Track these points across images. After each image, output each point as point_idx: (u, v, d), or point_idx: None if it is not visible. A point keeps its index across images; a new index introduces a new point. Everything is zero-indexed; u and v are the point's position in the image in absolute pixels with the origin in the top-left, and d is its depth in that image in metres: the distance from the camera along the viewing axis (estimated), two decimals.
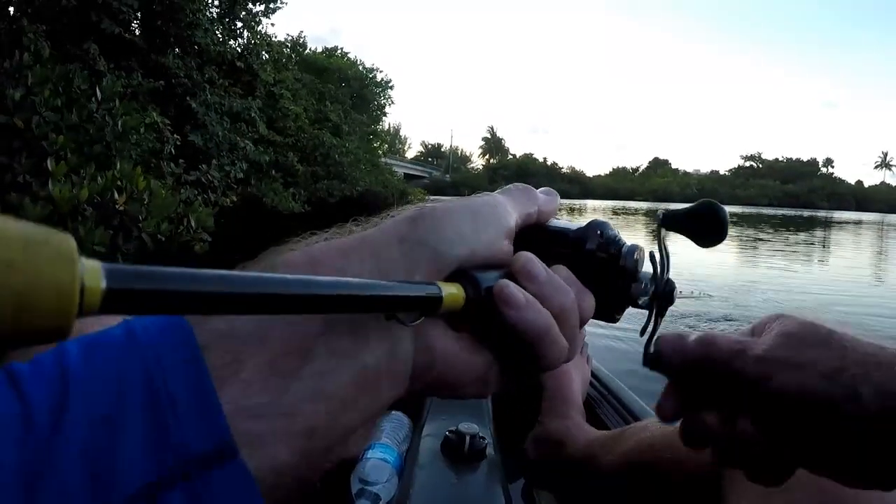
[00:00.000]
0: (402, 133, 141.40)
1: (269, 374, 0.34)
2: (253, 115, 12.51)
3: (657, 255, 0.54)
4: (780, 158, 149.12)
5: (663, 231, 0.56)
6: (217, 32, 14.73)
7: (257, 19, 16.01)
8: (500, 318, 0.42)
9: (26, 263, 0.20)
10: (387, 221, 0.43)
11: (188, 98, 10.75)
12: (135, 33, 10.27)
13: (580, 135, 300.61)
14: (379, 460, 1.31)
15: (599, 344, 4.29)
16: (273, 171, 13.78)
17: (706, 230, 0.54)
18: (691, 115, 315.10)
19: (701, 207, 0.54)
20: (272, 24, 23.74)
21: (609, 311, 0.53)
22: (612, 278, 0.51)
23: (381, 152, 40.54)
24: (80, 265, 0.22)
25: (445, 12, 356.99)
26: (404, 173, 71.99)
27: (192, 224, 6.31)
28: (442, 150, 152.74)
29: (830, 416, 0.49)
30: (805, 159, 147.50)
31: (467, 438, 1.26)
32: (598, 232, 0.51)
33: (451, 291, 0.39)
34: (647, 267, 0.54)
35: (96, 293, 0.22)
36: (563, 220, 0.54)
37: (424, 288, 0.38)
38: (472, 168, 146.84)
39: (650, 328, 0.56)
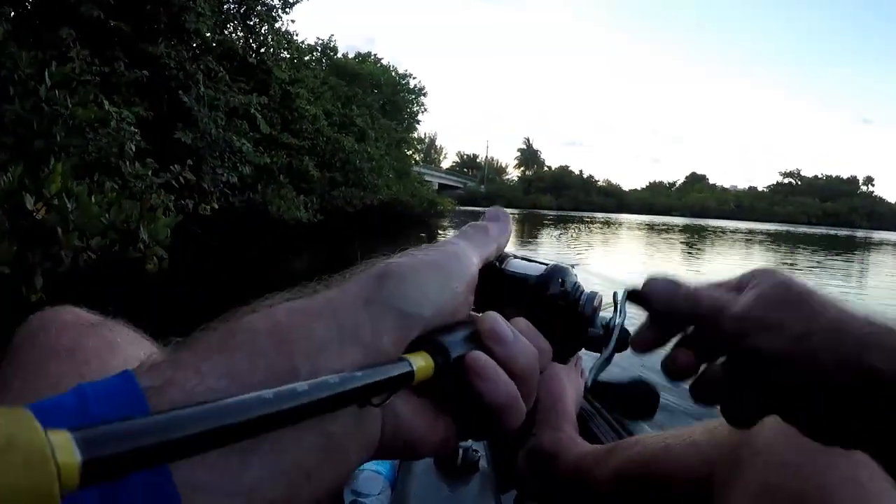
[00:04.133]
0: (437, 143, 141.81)
1: (226, 451, 0.30)
2: (253, 111, 11.22)
3: (618, 309, 0.57)
4: (820, 176, 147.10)
5: (627, 301, 0.60)
6: (233, 28, 13.76)
7: (274, 14, 15.05)
8: (468, 387, 0.42)
9: None
10: (351, 281, 0.42)
11: (180, 92, 9.57)
12: (123, 18, 9.12)
13: (616, 148, 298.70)
14: (372, 472, 1.31)
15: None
16: (280, 176, 12.59)
17: None
18: (729, 130, 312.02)
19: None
20: (292, 21, 23.25)
21: (563, 354, 0.54)
22: (571, 324, 0.53)
23: (414, 160, 39.72)
24: (48, 445, 0.21)
25: (481, 25, 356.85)
26: (439, 183, 71.55)
27: (145, 238, 5.15)
28: (477, 160, 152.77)
29: (794, 375, 0.52)
30: (844, 177, 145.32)
31: (460, 451, 1.31)
32: (560, 279, 0.53)
33: (421, 364, 0.39)
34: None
35: (72, 471, 0.21)
36: (521, 262, 0.55)
37: (396, 367, 0.37)
38: (508, 179, 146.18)
39: (599, 364, 0.57)
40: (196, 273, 8.10)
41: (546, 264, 0.54)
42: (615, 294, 0.58)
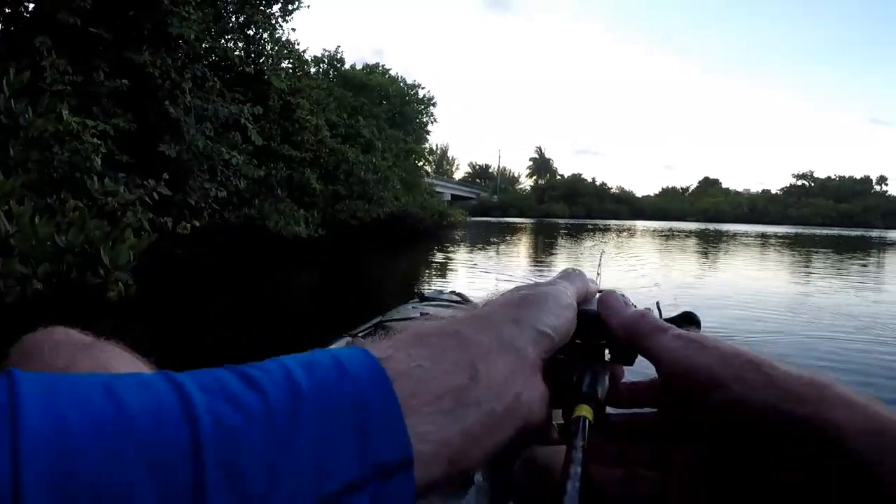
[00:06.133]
0: (449, 154, 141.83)
1: (434, 410, 0.41)
2: (243, 121, 10.63)
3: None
4: (833, 176, 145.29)
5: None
6: (231, 38, 13.28)
7: (272, 22, 14.58)
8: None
9: None
10: (501, 302, 0.52)
11: (167, 102, 9.00)
12: (104, 25, 8.59)
13: (628, 155, 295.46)
14: None
15: None
16: (279, 190, 12.04)
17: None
18: (740, 133, 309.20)
19: (683, 314, 0.67)
20: (293, 30, 23.57)
21: (629, 359, 0.61)
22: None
23: (425, 171, 39.36)
24: None
25: (491, 36, 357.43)
26: (451, 194, 71.34)
27: (107, 262, 4.57)
28: (489, 170, 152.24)
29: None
30: (858, 177, 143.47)
31: None
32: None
33: (590, 416, 0.50)
34: None
35: None
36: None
37: (579, 422, 0.49)
38: (521, 189, 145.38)
39: None
40: (169, 299, 7.57)
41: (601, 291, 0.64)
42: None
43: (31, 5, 8.46)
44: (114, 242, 4.82)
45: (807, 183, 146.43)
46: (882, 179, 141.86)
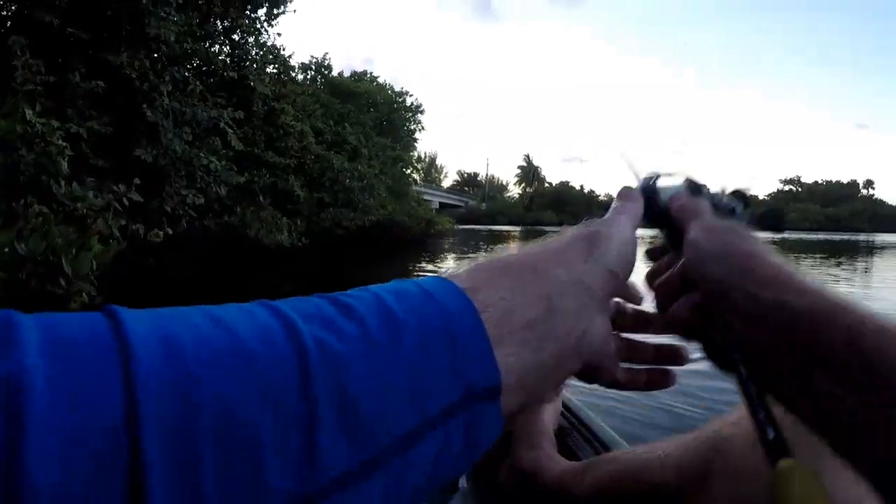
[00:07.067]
0: (438, 162, 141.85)
1: (516, 341, 0.43)
2: (223, 126, 10.38)
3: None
4: (820, 181, 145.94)
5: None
6: (216, 44, 13.08)
7: (257, 26, 14.39)
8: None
9: None
10: (571, 239, 0.54)
11: (144, 105, 8.74)
12: (82, 25, 8.35)
13: (616, 163, 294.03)
14: None
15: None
16: (261, 197, 11.78)
17: None
18: (727, 140, 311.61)
19: (734, 191, 0.72)
20: (279, 34, 23.47)
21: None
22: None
23: (413, 179, 39.20)
24: None
25: (479, 44, 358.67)
26: (440, 202, 71.21)
27: (69, 271, 4.32)
28: (478, 178, 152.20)
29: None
30: (845, 181, 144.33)
31: None
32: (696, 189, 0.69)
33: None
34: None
35: None
36: (665, 184, 0.72)
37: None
38: (509, 196, 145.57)
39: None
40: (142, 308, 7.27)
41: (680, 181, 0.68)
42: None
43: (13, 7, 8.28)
44: (77, 251, 4.57)
45: (794, 188, 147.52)
46: (869, 183, 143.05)
